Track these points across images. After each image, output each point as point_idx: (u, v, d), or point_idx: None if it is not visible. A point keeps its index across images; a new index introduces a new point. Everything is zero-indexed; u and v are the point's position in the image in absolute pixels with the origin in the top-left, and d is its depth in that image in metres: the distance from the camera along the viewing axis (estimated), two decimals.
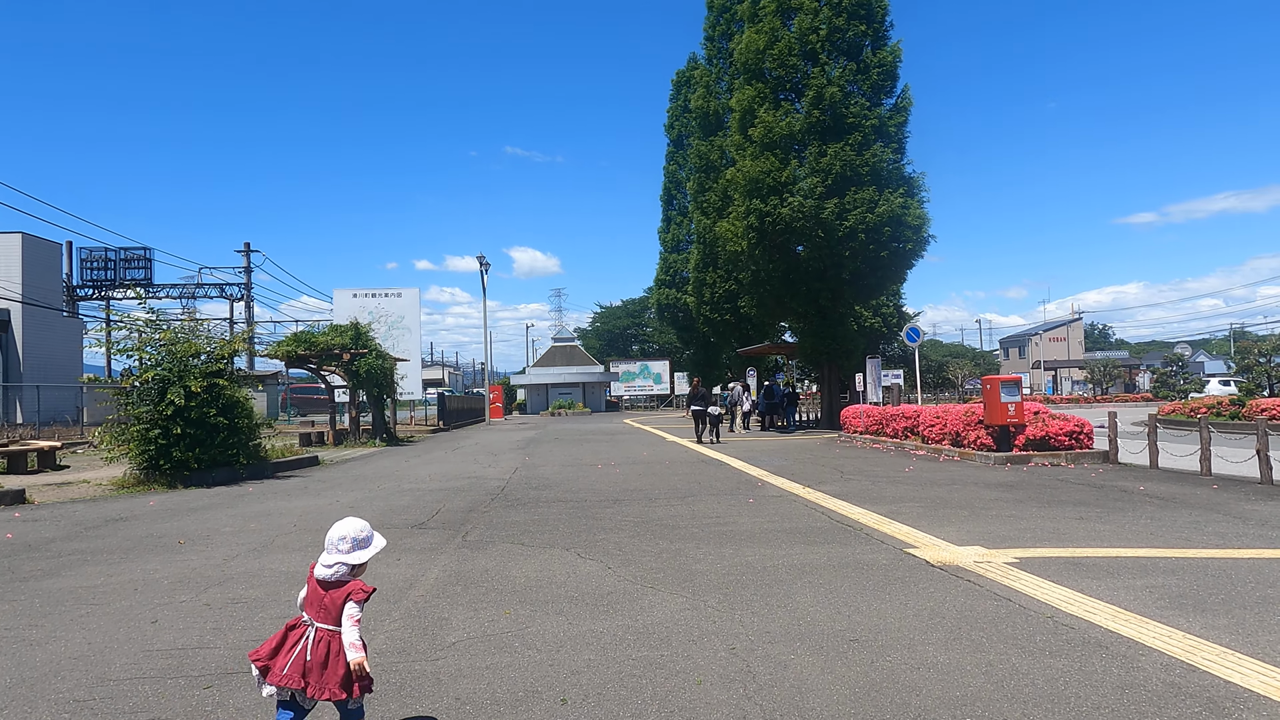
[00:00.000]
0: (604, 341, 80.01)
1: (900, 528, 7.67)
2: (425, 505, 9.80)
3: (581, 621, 4.69)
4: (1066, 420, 14.46)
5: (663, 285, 45.33)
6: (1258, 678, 3.62)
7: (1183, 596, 5.03)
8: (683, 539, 7.24)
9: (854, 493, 10.30)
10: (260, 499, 10.83)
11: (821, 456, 15.98)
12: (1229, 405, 24.15)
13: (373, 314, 31.68)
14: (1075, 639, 4.22)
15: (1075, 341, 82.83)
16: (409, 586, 5.63)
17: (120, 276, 50.47)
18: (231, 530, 8.22)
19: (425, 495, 10.83)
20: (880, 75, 24.00)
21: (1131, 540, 6.91)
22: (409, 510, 9.40)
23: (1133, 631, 4.32)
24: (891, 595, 5.17)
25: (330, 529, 3.04)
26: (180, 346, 12.75)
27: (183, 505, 10.35)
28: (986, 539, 7.04)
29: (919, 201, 23.77)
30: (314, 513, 9.38)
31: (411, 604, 5.15)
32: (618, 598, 5.21)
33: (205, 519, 9.09)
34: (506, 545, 7.08)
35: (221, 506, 10.15)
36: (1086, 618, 4.59)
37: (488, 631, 4.51)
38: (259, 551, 7.03)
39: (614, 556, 6.51)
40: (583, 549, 6.85)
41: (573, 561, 6.36)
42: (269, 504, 10.28)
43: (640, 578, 5.76)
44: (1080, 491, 10.15)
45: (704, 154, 36.34)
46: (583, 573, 5.96)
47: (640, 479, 12.31)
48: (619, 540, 7.22)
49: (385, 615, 4.89)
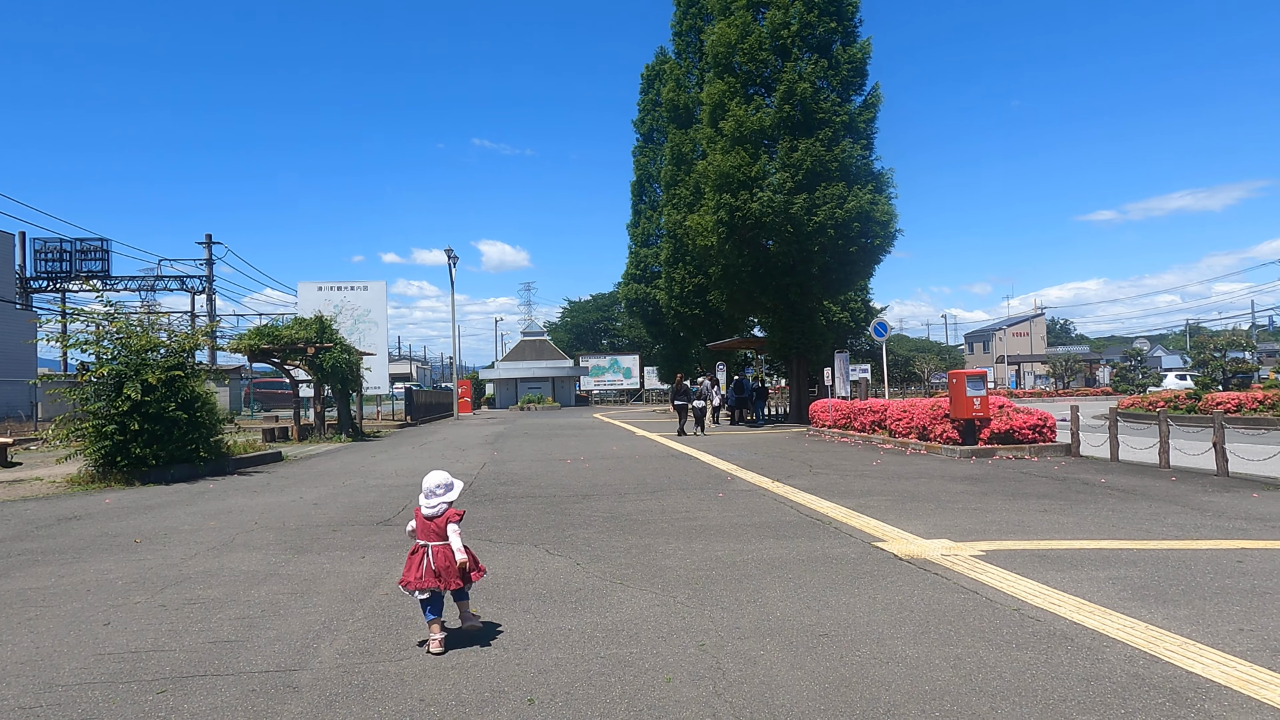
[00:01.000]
0: (573, 336, 79.78)
1: (868, 521, 7.70)
2: (391, 502, 9.65)
3: (550, 619, 4.62)
4: (1030, 414, 14.67)
5: (632, 280, 45.24)
6: (1218, 668, 3.66)
7: (1145, 588, 5.10)
8: (652, 534, 7.21)
9: (823, 487, 10.35)
10: (221, 496, 10.60)
11: (790, 451, 16.05)
12: (1185, 399, 24.71)
13: (338, 307, 31.14)
14: (1041, 631, 4.25)
15: (1038, 337, 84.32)
16: (373, 585, 5.52)
17: (76, 268, 49.16)
18: (190, 528, 8.01)
19: (391, 491, 10.68)
20: (850, 71, 24.12)
21: (1094, 532, 7.01)
22: (375, 507, 9.25)
23: (1097, 623, 4.36)
24: (860, 589, 5.18)
25: (425, 479, 4.31)
26: (137, 339, 12.42)
27: (139, 503, 10.09)
28: (953, 532, 7.09)
29: (887, 197, 23.96)
30: (276, 510, 9.19)
31: (375, 603, 5.05)
32: (586, 594, 5.16)
33: (163, 517, 8.86)
34: (474, 542, 6.97)
35: (180, 504, 9.90)
36: (1052, 610, 4.62)
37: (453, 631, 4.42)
38: (218, 550, 6.86)
39: (583, 552, 6.45)
40: (551, 545, 6.78)
41: (541, 558, 6.29)
42: (230, 501, 10.06)
43: (609, 574, 5.70)
44: (1044, 484, 10.29)
45: (677, 145, 36.30)
46: (551, 569, 5.89)
47: (610, 474, 12.25)
48: (588, 536, 7.17)
49: (348, 615, 4.79)
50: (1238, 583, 5.18)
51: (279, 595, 5.25)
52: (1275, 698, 3.32)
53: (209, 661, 4.00)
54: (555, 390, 62.54)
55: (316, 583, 5.58)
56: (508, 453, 16.88)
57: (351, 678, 3.75)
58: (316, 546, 6.89)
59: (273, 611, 4.88)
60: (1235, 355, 28.60)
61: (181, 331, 13.56)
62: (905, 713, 3.26)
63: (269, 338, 21.99)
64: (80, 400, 12.55)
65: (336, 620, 4.66)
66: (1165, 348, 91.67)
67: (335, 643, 4.25)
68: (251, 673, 3.83)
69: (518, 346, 67.59)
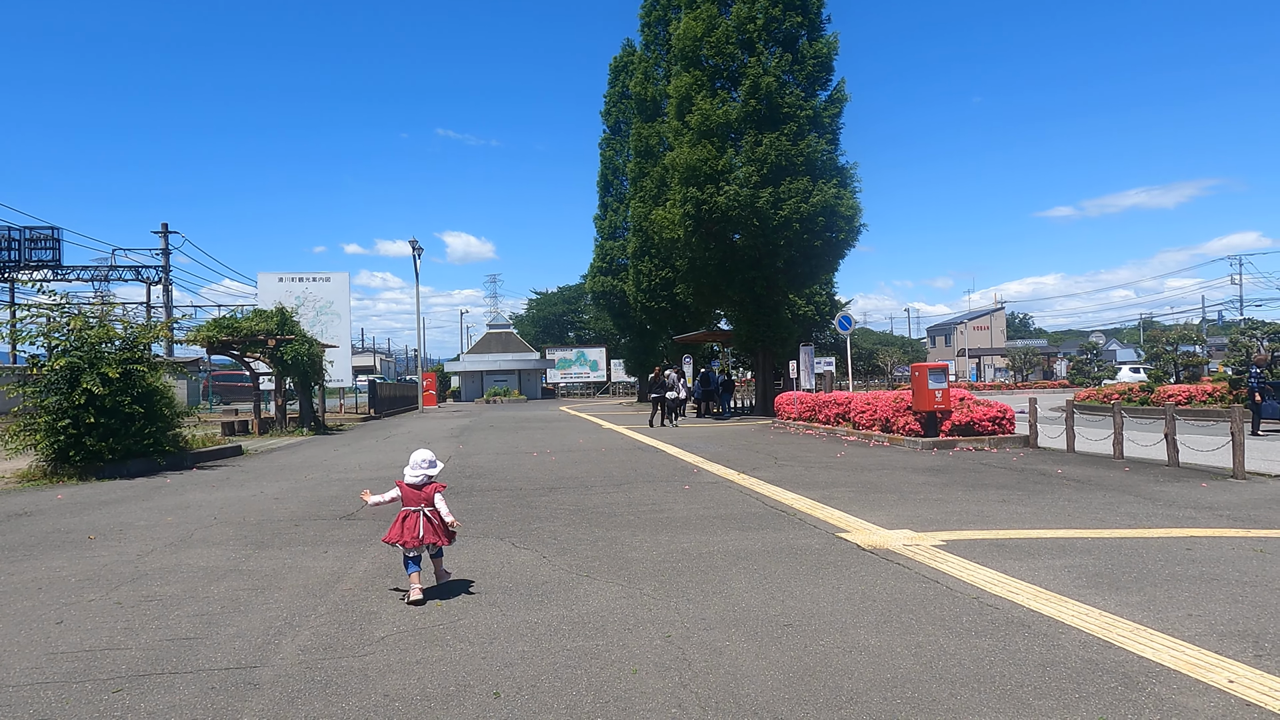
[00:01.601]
0: (540, 328, 79.44)
1: (833, 512, 7.80)
2: (353, 496, 9.53)
3: (515, 612, 4.61)
4: (990, 406, 14.95)
5: (599, 272, 45.15)
6: (1168, 652, 3.78)
7: (1099, 575, 5.23)
8: (619, 527, 7.22)
9: (788, 478, 10.44)
10: (178, 491, 10.39)
11: (756, 443, 16.17)
12: (1139, 391, 25.37)
13: (300, 298, 30.66)
14: (999, 619, 4.34)
15: (998, 330, 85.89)
16: (336, 580, 5.45)
17: (25, 258, 47.69)
18: (146, 524, 7.84)
19: (354, 486, 10.55)
20: (816, 66, 24.27)
21: (1051, 522, 7.17)
22: (338, 501, 9.14)
23: (1053, 610, 4.46)
24: (824, 579, 5.24)
25: (412, 455, 5.14)
26: (92, 332, 12.09)
27: (94, 498, 9.85)
28: (915, 522, 7.21)
29: (852, 192, 24.19)
30: (236, 505, 9.03)
31: (339, 598, 4.99)
32: (553, 587, 5.15)
33: (118, 512, 8.66)
34: None
35: (136, 499, 9.69)
36: (1010, 598, 4.72)
37: (418, 625, 4.39)
38: (176, 546, 6.72)
39: (549, 545, 6.44)
40: (517, 538, 6.76)
41: (507, 551, 6.26)
42: (188, 496, 9.86)
43: (576, 567, 5.70)
44: (1003, 475, 10.50)
45: (644, 137, 36.27)
46: (517, 563, 5.87)
47: (576, 467, 12.24)
48: (554, 529, 7.15)
49: (310, 610, 4.73)
50: (1187, 570, 5.34)
51: (239, 591, 5.17)
52: (1220, 679, 3.43)
53: (167, 659, 3.93)
54: (521, 383, 62.27)
55: (278, 578, 5.50)
56: (473, 446, 16.77)
57: (314, 674, 3.71)
58: (278, 542, 6.79)
59: (233, 608, 4.80)
60: (1186, 349, 29.44)
61: (139, 324, 13.22)
62: (868, 700, 3.31)
63: (228, 329, 21.57)
64: (34, 394, 12.21)
65: (299, 616, 4.60)
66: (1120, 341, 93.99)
67: (297, 638, 4.20)
68: (211, 670, 3.77)
69: (483, 339, 67.12)
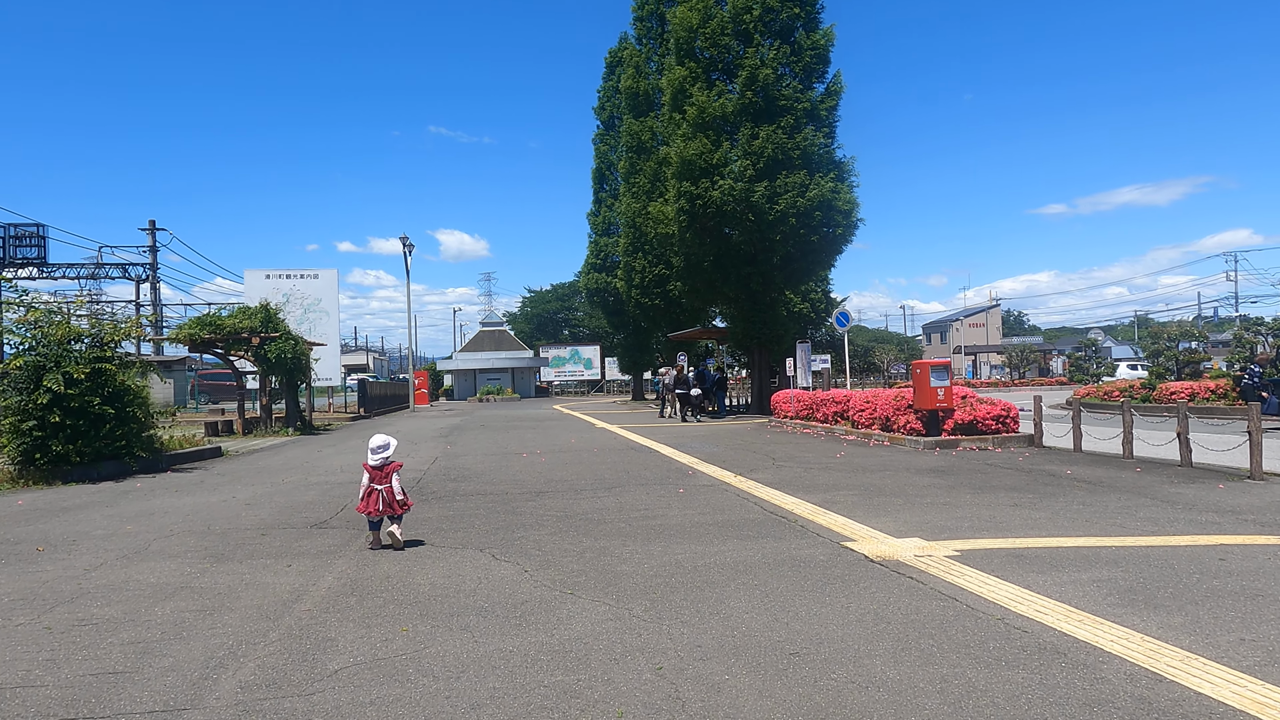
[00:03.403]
0: (534, 326, 78.87)
1: (836, 519, 7.34)
2: (331, 501, 9.04)
3: (489, 639, 4.13)
4: (993, 405, 14.51)
5: (593, 269, 44.63)
6: (1229, 688, 3.31)
7: (1132, 591, 4.78)
8: (608, 535, 6.74)
9: (787, 481, 9.98)
10: (146, 496, 9.87)
11: (753, 442, 15.71)
12: (1140, 389, 24.98)
13: (287, 295, 30.09)
14: (1030, 645, 3.88)
15: (994, 327, 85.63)
16: (295, 599, 4.96)
17: (10, 255, 46.98)
18: (103, 534, 7.34)
19: (333, 489, 10.06)
20: (813, 58, 23.80)
21: (1068, 528, 6.72)
22: (312, 507, 8.64)
23: (1089, 634, 4.00)
24: (832, 597, 4.77)
25: (369, 441, 6.32)
26: (55, 329, 11.56)
27: (55, 504, 9.33)
28: (925, 530, 6.75)
29: (849, 186, 23.73)
30: (203, 511, 8.52)
31: (295, 621, 4.49)
32: (533, 607, 4.67)
33: (76, 520, 8.15)
34: (414, 546, 6.46)
35: (100, 505, 9.17)
36: (1038, 619, 4.26)
37: (378, 655, 3.91)
38: (129, 559, 6.22)
39: (532, 557, 5.96)
40: (499, 549, 6.28)
41: (486, 564, 5.78)
42: (155, 502, 9.35)
43: (560, 582, 5.23)
44: (1010, 476, 10.06)
45: (635, 133, 35.76)
46: (496, 577, 5.39)
47: (566, 469, 11.76)
48: (539, 538, 6.67)
49: (261, 637, 4.24)
50: (1226, 584, 4.89)
51: (185, 613, 4.67)
52: None
53: (85, 699, 3.44)
54: (515, 381, 61.72)
55: (231, 597, 5.01)
56: (461, 446, 16.28)
57: (252, 718, 3.22)
58: (239, 554, 6.29)
59: (174, 633, 4.31)
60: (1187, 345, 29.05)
61: (108, 321, 12.69)
62: None
63: (211, 327, 21.02)
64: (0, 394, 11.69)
65: (246, 643, 4.11)
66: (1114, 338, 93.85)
67: (240, 672, 3.71)
68: (133, 714, 3.28)
69: (476, 337, 66.53)
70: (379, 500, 6.06)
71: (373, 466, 6.13)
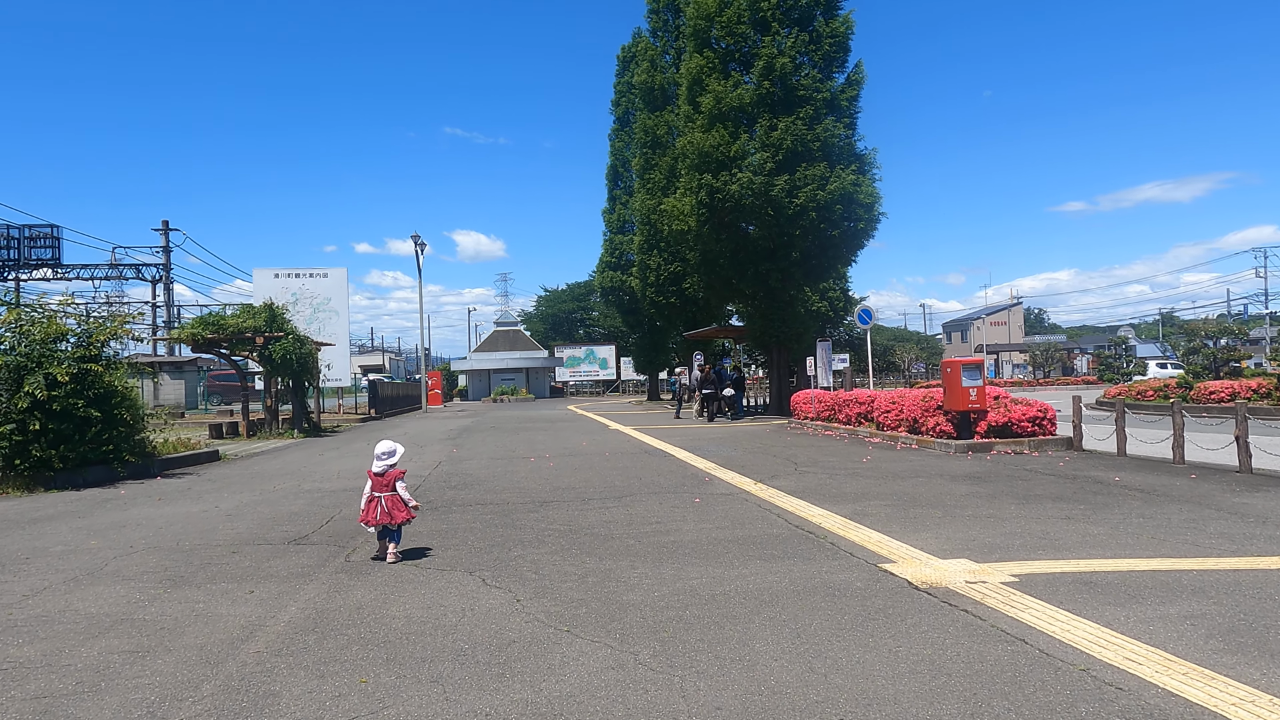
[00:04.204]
0: (549, 326, 78.28)
1: (870, 534, 6.58)
2: (318, 512, 8.38)
3: (463, 694, 3.41)
4: (1029, 405, 13.66)
5: (608, 268, 43.95)
6: None
7: (1234, 632, 3.99)
8: (615, 554, 6.02)
9: (811, 489, 9.22)
10: (125, 505, 9.25)
11: (772, 446, 14.94)
12: (1176, 388, 23.94)
13: (297, 295, 29.56)
14: (1134, 710, 3.11)
15: (1015, 326, 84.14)
16: (247, 636, 4.26)
17: (25, 256, 47.00)
18: (62, 550, 6.69)
19: (323, 498, 9.40)
20: (832, 47, 22.98)
21: (1134, 547, 5.93)
22: (296, 519, 7.96)
23: (1202, 694, 3.23)
24: (876, 638, 4.02)
25: (375, 446, 5.99)
26: (36, 328, 10.98)
27: (25, 515, 8.72)
28: (972, 548, 5.98)
29: (871, 179, 22.88)
30: (179, 523, 7.87)
31: (238, 668, 3.79)
32: (521, 650, 3.95)
33: (39, 534, 7.51)
34: (398, 567, 5.76)
35: (72, 516, 8.55)
36: (1133, 670, 3.49)
37: (323, 718, 3.19)
38: (77, 582, 5.56)
39: (527, 582, 5.24)
40: (491, 571, 5.57)
41: (474, 591, 5.07)
42: (132, 512, 8.72)
43: (555, 615, 4.51)
44: (1054, 484, 9.26)
45: (650, 129, 35.05)
46: (483, 608, 4.68)
47: (575, 474, 11.05)
48: (537, 558, 5.96)
49: (192, 690, 3.53)
50: None
51: (113, 656, 3.98)
52: None
53: None
54: (530, 381, 61.14)
55: (174, 634, 4.33)
56: (468, 449, 15.61)
57: None
58: (201, 575, 5.62)
59: (91, 684, 3.62)
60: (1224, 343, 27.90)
61: (93, 319, 12.10)
62: None
63: (214, 327, 20.48)
64: None
65: (171, 700, 3.41)
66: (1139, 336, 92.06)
67: None
68: None
69: (490, 337, 66.02)
70: (376, 509, 5.78)
71: (375, 474, 5.86)
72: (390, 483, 5.84)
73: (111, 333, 11.74)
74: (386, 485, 5.83)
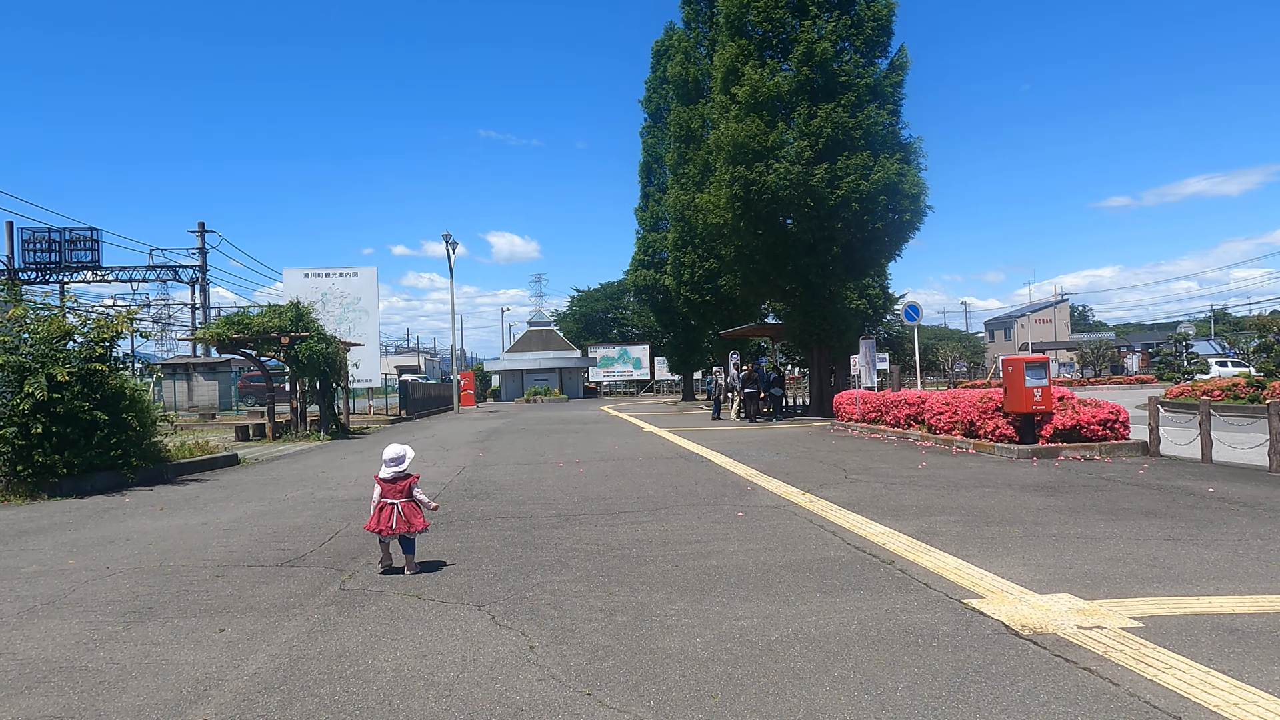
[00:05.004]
0: (582, 325, 77.72)
1: (944, 559, 5.66)
2: (323, 526, 7.66)
3: None
4: (1100, 407, 12.55)
5: (641, 266, 43.16)
6: None
7: None
8: (649, 583, 5.18)
9: (866, 500, 8.30)
10: (123, 516, 8.63)
11: (816, 450, 14.00)
12: (1247, 387, 22.44)
13: (326, 294, 29.16)
14: None
15: (1061, 323, 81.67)
16: (198, 696, 3.48)
17: (66, 259, 47.52)
18: (35, 570, 6.03)
19: (333, 509, 8.69)
20: (875, 30, 21.92)
21: (1267, 578, 4.94)
22: (297, 534, 7.25)
23: None
24: (984, 712, 3.13)
25: (384, 451, 5.64)
26: (40, 326, 10.45)
27: (15, 527, 8.10)
28: (1072, 578, 5.04)
29: (916, 168, 21.78)
30: (171, 538, 7.20)
31: None
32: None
33: (21, 549, 6.88)
34: (397, 598, 4.98)
35: (63, 528, 7.93)
36: None
37: None
38: (34, 612, 4.86)
39: (545, 621, 4.43)
40: (503, 604, 4.76)
41: (481, 633, 4.26)
42: (128, 524, 8.08)
43: (576, 670, 3.68)
44: (1140, 496, 8.24)
45: (684, 121, 34.20)
46: (489, 658, 3.87)
47: (605, 482, 10.24)
48: (559, 587, 5.14)
49: None
50: None
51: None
52: None
53: None
54: (563, 381, 60.59)
55: (116, 688, 3.58)
56: (494, 453, 14.89)
57: None
58: (172, 607, 4.89)
59: None
60: None
61: (96, 317, 11.57)
62: None
63: (239, 327, 20.05)
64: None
65: None
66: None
67: None
68: None
69: (524, 337, 65.62)
70: (392, 517, 5.42)
71: (384, 480, 5.53)
72: (405, 489, 5.51)
73: (115, 330, 11.17)
74: (401, 492, 5.50)
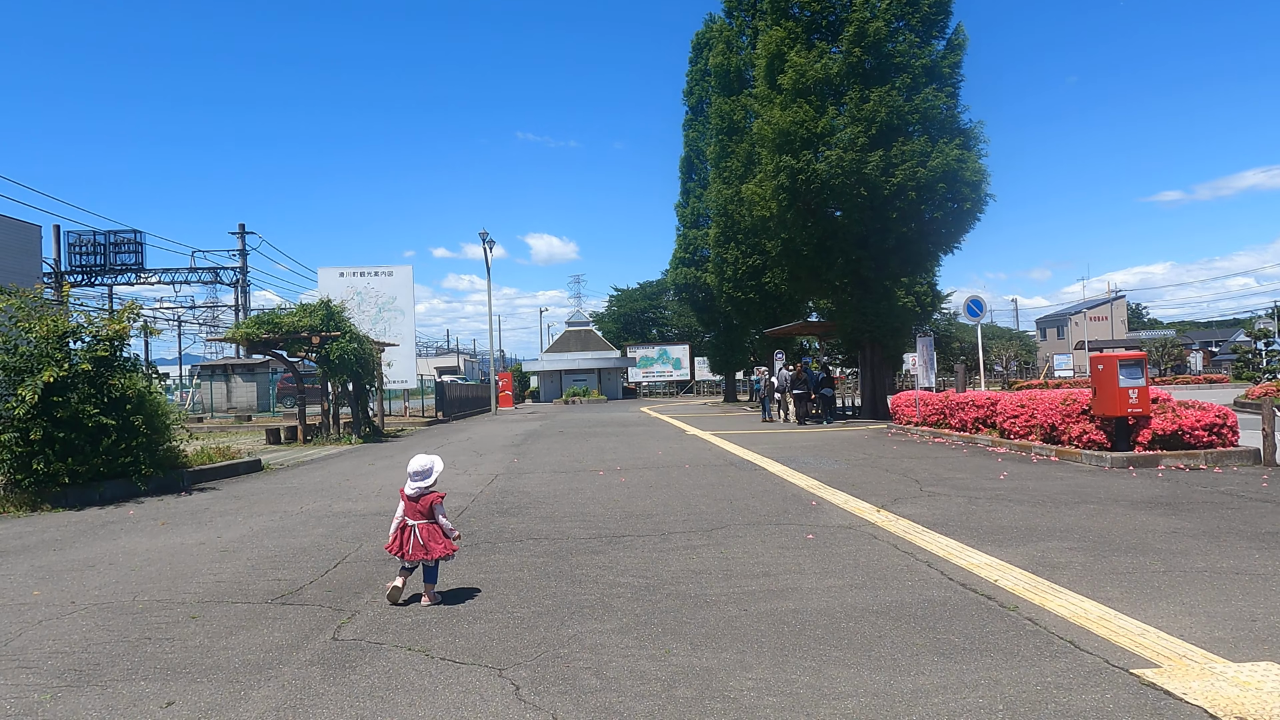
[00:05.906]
0: (621, 325, 76.78)
1: (1080, 603, 4.51)
2: (332, 547, 6.73)
3: None
4: (1204, 410, 11.17)
5: (681, 264, 42.10)
6: None
7: None
8: (713, 638, 4.12)
9: (953, 519, 7.15)
10: (118, 532, 7.81)
11: (879, 456, 12.79)
12: None
13: (361, 294, 28.60)
14: None
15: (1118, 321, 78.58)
16: None
17: (110, 262, 47.98)
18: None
19: (348, 525, 7.78)
20: (932, 8, 20.57)
21: None
22: (300, 558, 6.32)
23: None
24: None
25: (409, 463, 4.98)
26: (38, 324, 9.73)
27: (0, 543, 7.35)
28: (1261, 636, 3.88)
29: (977, 154, 20.39)
30: (159, 562, 6.32)
31: None
32: None
33: None
34: (399, 654, 3.99)
35: (46, 547, 7.12)
36: None
37: None
38: None
39: (584, 696, 3.39)
40: (529, 669, 3.74)
41: (499, 713, 3.25)
42: (120, 542, 7.25)
43: None
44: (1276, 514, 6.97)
45: (725, 113, 33.05)
46: None
47: (651, 495, 9.20)
48: (600, 641, 4.11)
49: None
50: None
51: None
52: None
53: None
54: (602, 382, 59.72)
55: None
56: (530, 459, 13.94)
57: None
58: (122, 664, 3.96)
59: None
60: None
61: (99, 316, 10.84)
62: None
63: (269, 326, 19.42)
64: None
65: None
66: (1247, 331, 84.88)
67: None
68: None
69: (562, 337, 64.88)
70: (412, 540, 4.83)
71: (408, 496, 4.96)
72: (427, 508, 4.91)
73: (120, 327, 10.42)
74: (422, 511, 4.89)
